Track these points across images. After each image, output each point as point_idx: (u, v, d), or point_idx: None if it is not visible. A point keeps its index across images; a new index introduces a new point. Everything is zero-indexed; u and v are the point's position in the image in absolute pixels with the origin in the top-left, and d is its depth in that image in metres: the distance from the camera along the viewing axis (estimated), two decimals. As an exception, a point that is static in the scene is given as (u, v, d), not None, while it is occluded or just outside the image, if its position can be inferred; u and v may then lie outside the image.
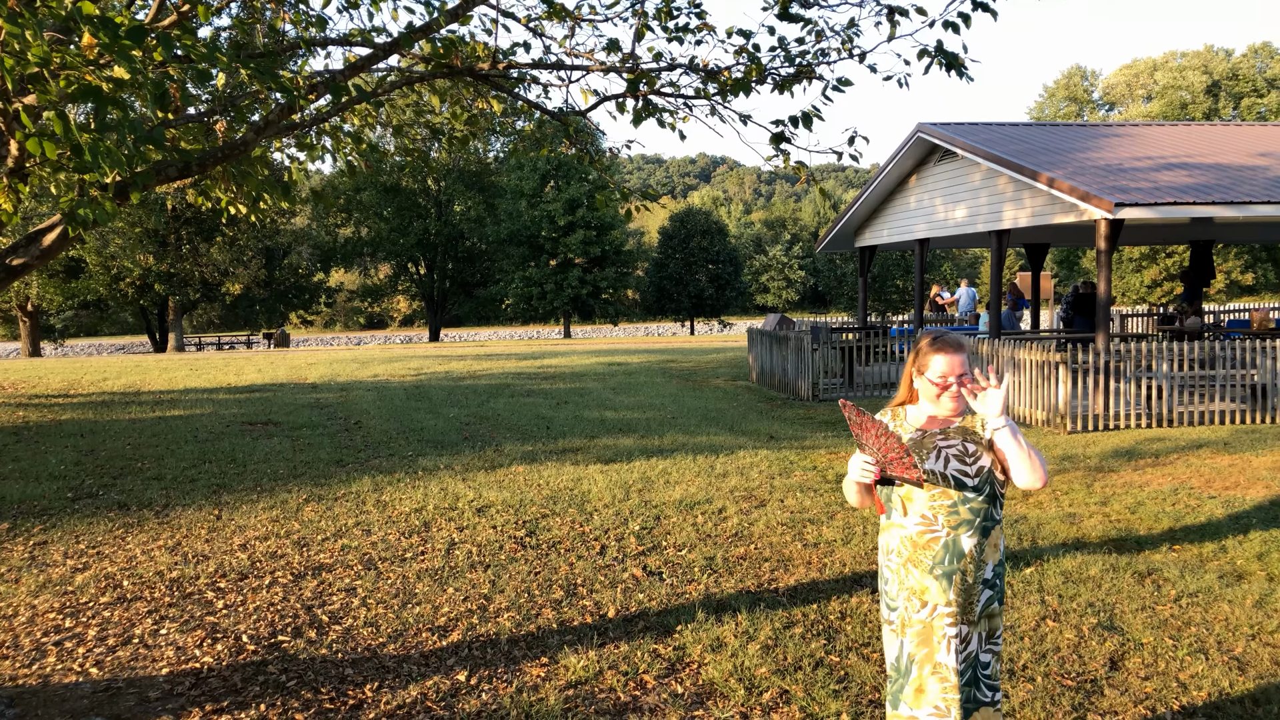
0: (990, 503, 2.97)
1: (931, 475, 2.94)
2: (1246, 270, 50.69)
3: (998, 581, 3.00)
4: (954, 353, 2.99)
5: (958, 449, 2.97)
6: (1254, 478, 8.29)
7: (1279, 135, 17.47)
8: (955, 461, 2.95)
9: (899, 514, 3.00)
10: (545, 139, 6.30)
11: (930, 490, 2.93)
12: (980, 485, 2.94)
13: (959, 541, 2.93)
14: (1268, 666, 4.37)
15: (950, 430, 3.03)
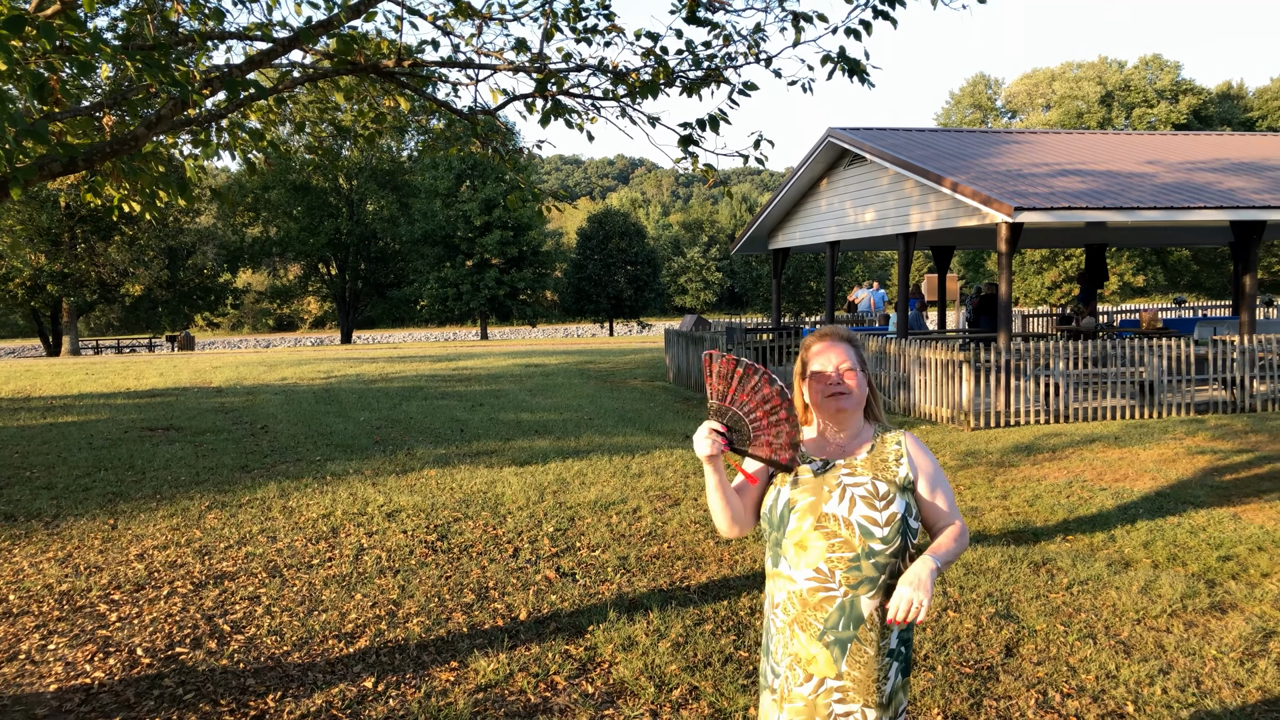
0: (899, 557, 2.42)
1: (833, 520, 2.41)
2: (1138, 273, 53.09)
3: (904, 649, 2.48)
4: (836, 342, 2.55)
5: (866, 489, 2.44)
6: (1142, 470, 8.69)
7: (1167, 144, 18.38)
8: (862, 505, 2.42)
9: (788, 563, 2.45)
10: (455, 138, 6.23)
11: (831, 540, 2.40)
12: (890, 536, 2.40)
13: (858, 604, 2.39)
14: (1151, 649, 4.59)
15: (858, 463, 2.50)
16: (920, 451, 2.57)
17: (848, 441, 2.56)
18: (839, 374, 2.52)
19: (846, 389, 2.51)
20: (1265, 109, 56.09)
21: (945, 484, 2.57)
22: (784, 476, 2.50)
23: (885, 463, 2.51)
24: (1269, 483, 8.08)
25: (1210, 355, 12.28)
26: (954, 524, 2.53)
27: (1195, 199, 12.70)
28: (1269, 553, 6.17)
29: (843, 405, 2.51)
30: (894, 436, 2.57)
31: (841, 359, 2.53)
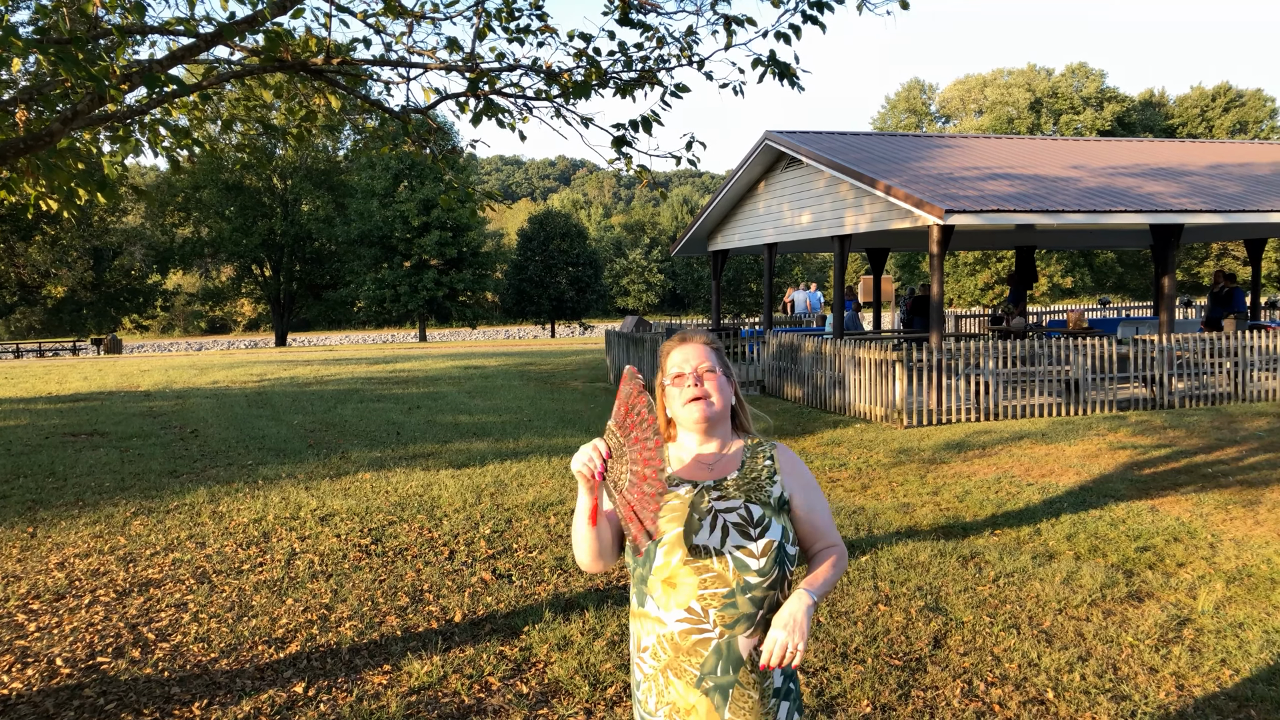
0: (778, 588, 2.18)
1: (704, 554, 2.13)
2: (1066, 274, 54.64)
3: (793, 685, 2.24)
4: (694, 343, 2.32)
5: (739, 514, 2.18)
6: (1066, 465, 8.95)
7: (1091, 149, 18.95)
8: (736, 534, 2.16)
9: (656, 603, 2.17)
10: (388, 137, 6.17)
11: (703, 575, 2.12)
12: (767, 567, 2.14)
13: (735, 645, 2.14)
14: (1071, 637, 4.74)
15: (729, 484, 2.23)
16: (795, 465, 2.33)
17: (716, 459, 2.30)
18: (697, 376, 2.27)
19: (705, 393, 2.26)
20: (1185, 116, 58.17)
21: (822, 500, 2.34)
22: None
23: (757, 482, 2.26)
24: (1185, 476, 8.39)
25: (1132, 354, 12.70)
26: (832, 546, 2.32)
27: (1117, 203, 13.13)
28: (1184, 543, 6.40)
29: (703, 412, 2.24)
30: (765, 450, 2.33)
31: (700, 360, 2.29)
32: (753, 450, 2.32)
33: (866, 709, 3.99)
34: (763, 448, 2.34)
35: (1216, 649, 4.57)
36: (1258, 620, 4.96)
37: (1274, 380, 13.01)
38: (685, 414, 2.26)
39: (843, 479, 8.68)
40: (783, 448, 2.36)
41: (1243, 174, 16.35)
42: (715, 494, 2.23)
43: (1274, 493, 7.72)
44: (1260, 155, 19.17)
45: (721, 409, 2.28)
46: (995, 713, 3.95)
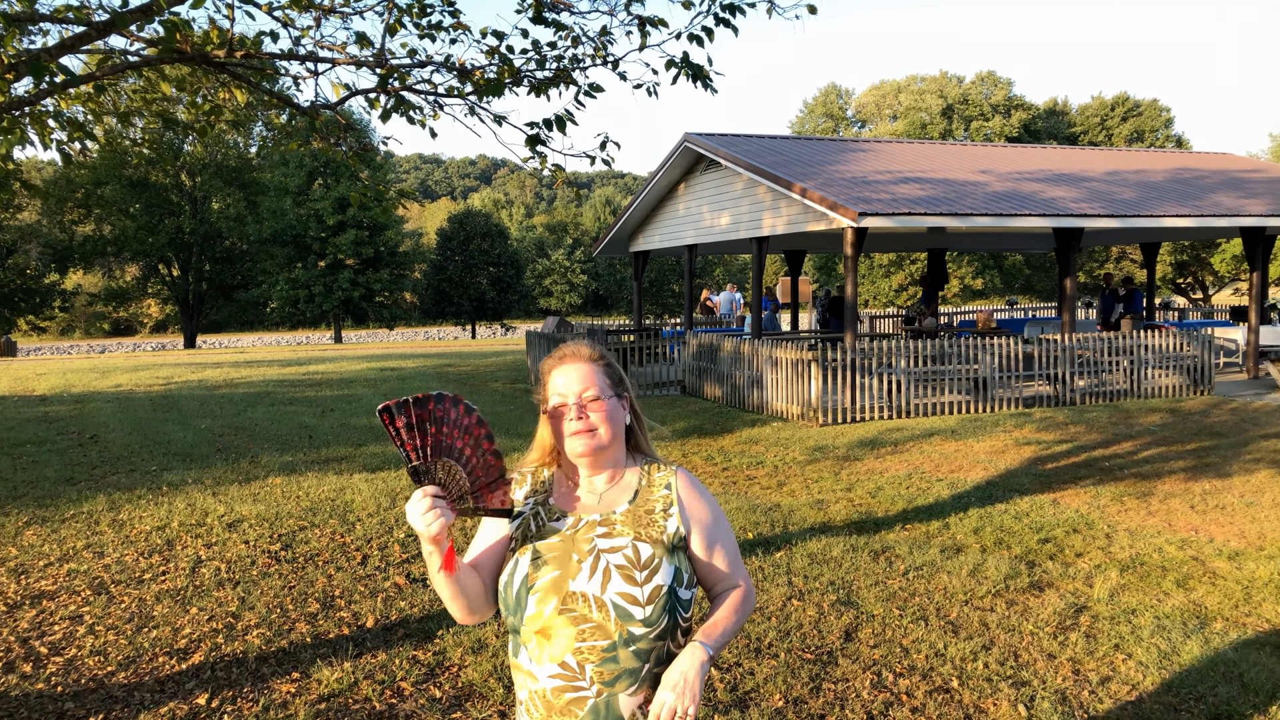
0: (668, 638, 1.93)
1: (582, 601, 1.89)
2: (977, 276, 56.30)
3: None
4: (577, 363, 2.03)
5: (625, 555, 1.93)
6: (975, 461, 9.23)
7: (998, 155, 19.58)
8: (619, 578, 1.90)
9: (529, 655, 1.93)
10: (297, 133, 6.03)
11: (581, 626, 1.88)
12: (654, 616, 1.89)
13: (615, 704, 1.90)
14: (976, 627, 4.88)
15: (617, 519, 1.99)
16: (695, 495, 2.06)
17: (605, 489, 2.04)
18: (581, 406, 1.98)
19: (590, 426, 1.97)
20: (1086, 124, 60.52)
21: (727, 535, 2.08)
22: (524, 545, 1.99)
23: (650, 515, 2.00)
24: (1084, 470, 8.73)
25: (1037, 353, 13.16)
26: (735, 589, 2.06)
27: (1022, 207, 13.59)
28: (1082, 534, 6.66)
29: (588, 446, 1.97)
30: (663, 477, 2.06)
31: (585, 385, 1.99)
32: (649, 477, 2.07)
33: (779, 703, 4.04)
34: (661, 474, 2.07)
35: (1110, 634, 4.77)
36: (1149, 606, 5.19)
37: (1167, 377, 13.63)
38: (569, 447, 1.99)
39: (759, 477, 8.79)
40: (684, 474, 2.09)
41: (1138, 180, 17.10)
42: (600, 530, 1.98)
43: (1165, 485, 8.09)
44: (1155, 163, 20.08)
45: (611, 440, 2.00)
46: (903, 702, 4.05)
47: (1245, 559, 6.05)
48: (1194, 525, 6.90)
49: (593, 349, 2.08)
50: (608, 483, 2.06)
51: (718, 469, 9.14)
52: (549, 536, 1.98)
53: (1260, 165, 21.50)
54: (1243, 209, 14.95)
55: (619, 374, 2.09)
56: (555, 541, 1.97)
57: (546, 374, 2.07)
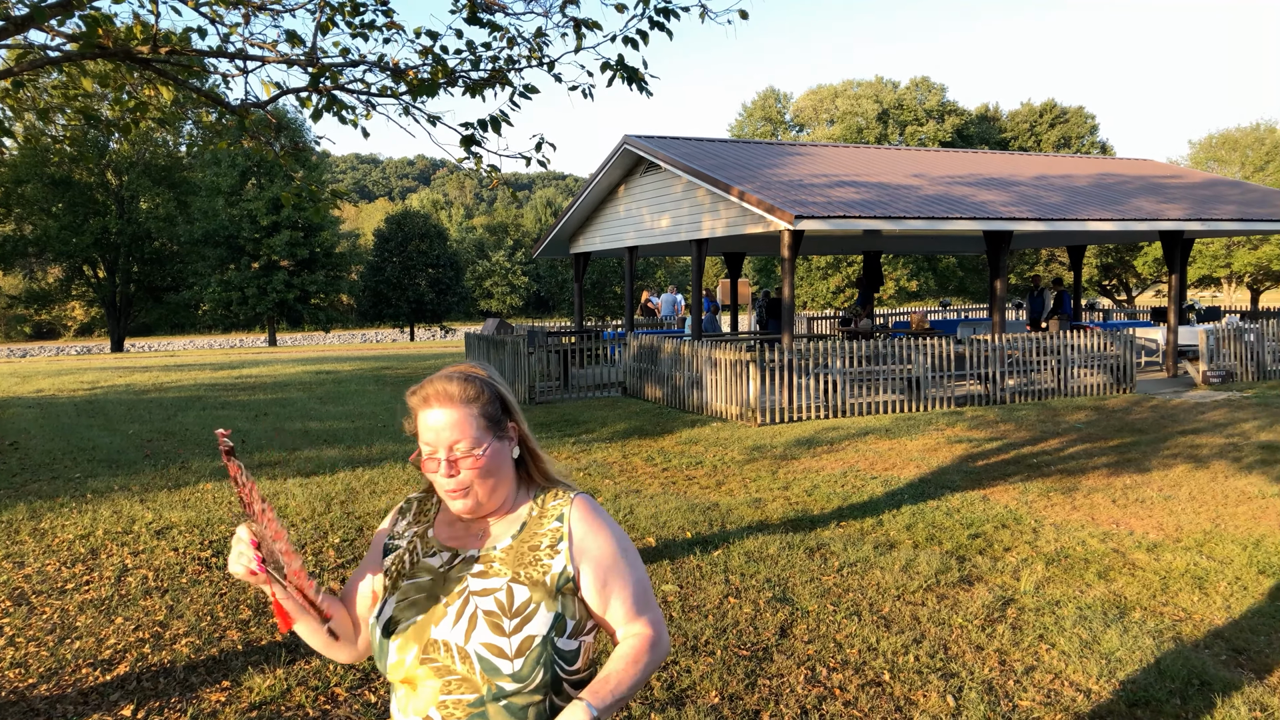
0: (551, 692, 1.70)
1: (444, 651, 1.68)
2: (912, 278, 57.38)
3: None
4: (446, 404, 1.72)
5: (498, 598, 1.70)
6: (908, 459, 9.42)
7: (931, 159, 20.00)
8: (485, 626, 1.67)
9: (398, 705, 1.75)
10: (227, 132, 5.91)
11: (446, 678, 1.66)
12: (526, 670, 1.66)
13: None
14: (908, 621, 4.99)
15: (496, 555, 1.75)
16: (591, 528, 1.78)
17: (495, 519, 1.81)
18: (452, 461, 1.71)
19: (465, 485, 1.72)
20: (1016, 130, 62.09)
21: (629, 573, 1.78)
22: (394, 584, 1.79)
23: (535, 552, 1.75)
24: (1013, 467, 8.97)
25: (968, 353, 13.48)
26: (636, 636, 1.77)
27: (953, 210, 13.90)
28: (1010, 529, 6.84)
29: (464, 508, 1.75)
30: (557, 506, 1.81)
31: (456, 435, 1.71)
32: (542, 507, 1.81)
33: (715, 699, 4.09)
34: (556, 503, 1.81)
35: (1035, 625, 4.91)
36: (1072, 597, 5.35)
37: (1092, 376, 14.06)
38: (446, 499, 1.76)
39: (699, 476, 8.86)
40: (584, 503, 1.82)
41: (1064, 185, 17.62)
42: (476, 568, 1.74)
43: (1089, 480, 8.35)
44: (1080, 168, 20.70)
45: (489, 495, 1.75)
46: (836, 696, 4.12)
47: (1163, 550, 6.27)
48: (1115, 519, 7.14)
49: (464, 387, 1.73)
50: (494, 516, 1.82)
51: (658, 469, 9.18)
52: (420, 575, 1.76)
53: (1179, 171, 22.30)
54: (1162, 213, 15.50)
55: (500, 406, 1.78)
56: (424, 581, 1.75)
57: (413, 410, 1.77)
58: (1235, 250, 43.75)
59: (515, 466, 1.83)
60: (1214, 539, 6.50)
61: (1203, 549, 6.28)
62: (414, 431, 1.77)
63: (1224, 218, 15.82)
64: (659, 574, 5.74)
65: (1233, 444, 9.78)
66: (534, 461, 1.86)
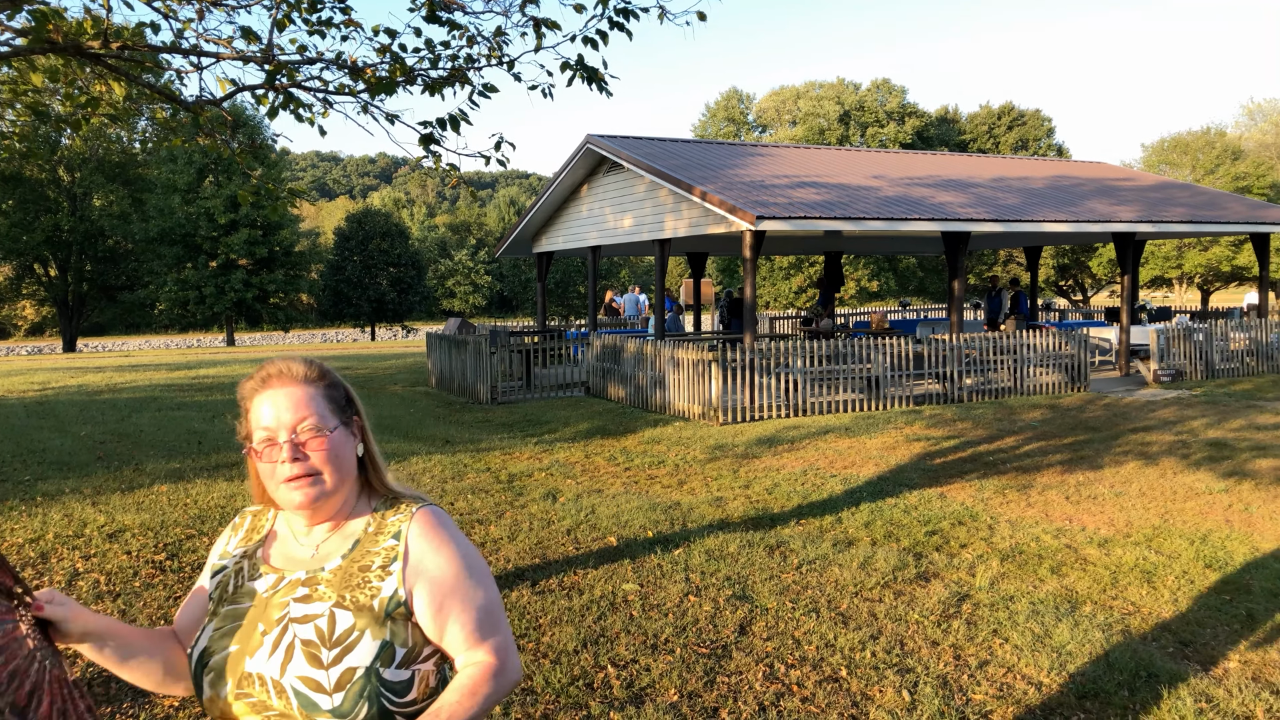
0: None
1: (259, 685, 1.53)
2: (873, 278, 57.95)
3: None
4: (289, 384, 1.61)
5: (317, 626, 1.54)
6: (867, 457, 9.52)
7: (891, 161, 20.22)
8: (302, 657, 1.52)
9: None
10: (181, 129, 5.83)
11: (264, 714, 1.53)
12: (348, 706, 1.50)
13: None
14: (865, 618, 5.05)
15: (325, 576, 1.60)
16: (432, 545, 1.61)
17: (324, 539, 1.65)
18: (296, 443, 1.57)
19: (310, 470, 1.57)
20: (975, 132, 62.93)
21: (473, 595, 1.60)
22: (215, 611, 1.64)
23: (365, 573, 1.58)
24: (970, 464, 9.10)
25: (927, 353, 13.65)
26: (476, 665, 1.59)
27: (912, 211, 14.07)
28: (967, 526, 6.95)
29: (307, 497, 1.58)
30: (396, 522, 1.64)
31: (301, 414, 1.58)
32: (380, 521, 1.65)
33: (674, 697, 4.11)
34: (396, 518, 1.65)
35: (990, 620, 4.99)
36: (1025, 593, 5.45)
37: (1047, 375, 14.31)
38: (282, 498, 1.59)
39: (661, 476, 8.89)
40: (428, 516, 1.66)
41: (1021, 187, 17.90)
42: (301, 591, 1.58)
43: (1044, 477, 8.50)
44: (1036, 170, 21.04)
45: (336, 485, 1.60)
46: (794, 693, 4.16)
47: (1113, 546, 6.40)
48: (1068, 515, 7.27)
49: (309, 367, 1.64)
50: (329, 530, 1.65)
51: (620, 469, 9.19)
52: (241, 600, 1.61)
53: (1132, 174, 22.76)
54: (1115, 215, 15.80)
55: (346, 393, 1.69)
56: (246, 607, 1.60)
57: (248, 399, 1.63)
58: (1186, 252, 44.74)
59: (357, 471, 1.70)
60: (1162, 534, 6.65)
61: (1152, 544, 6.42)
62: (247, 433, 1.63)
63: (1174, 220, 16.18)
64: (619, 573, 5.76)
65: (1182, 441, 10.00)
66: (372, 467, 1.71)
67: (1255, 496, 7.67)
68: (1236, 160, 47.22)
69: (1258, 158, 46.93)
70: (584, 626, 4.90)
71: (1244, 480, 8.19)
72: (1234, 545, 6.35)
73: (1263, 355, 16.42)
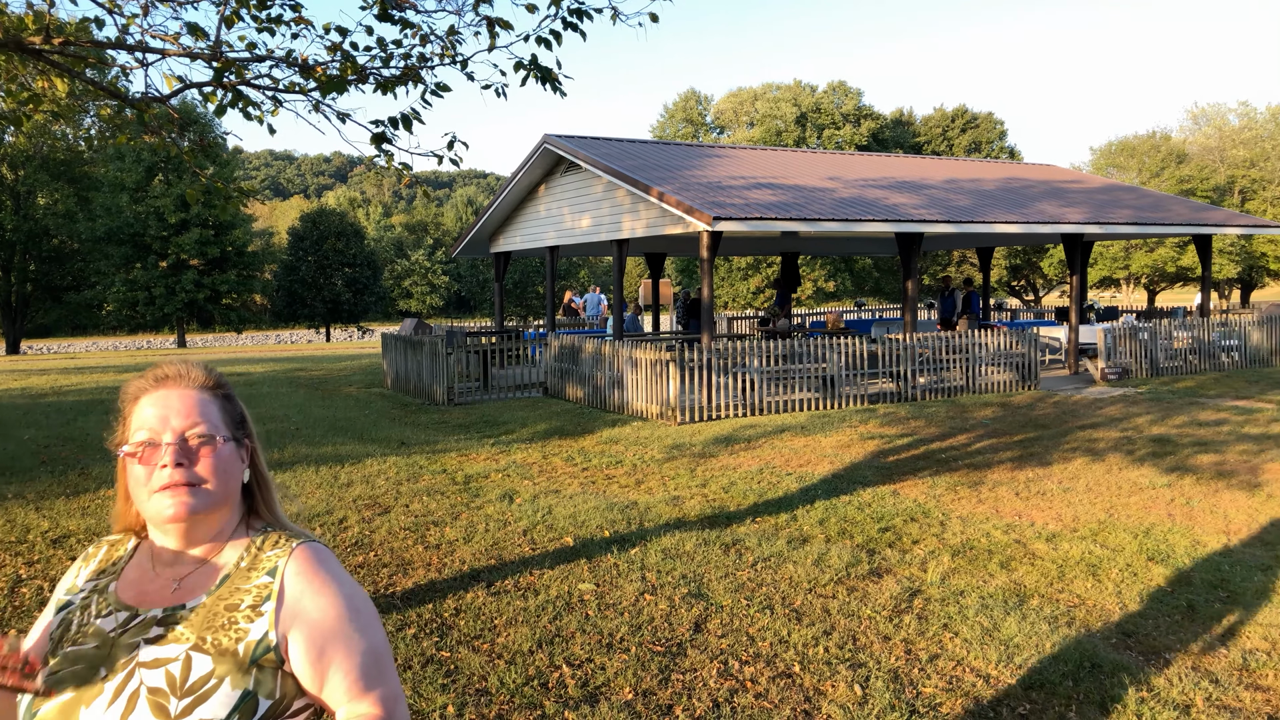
0: None
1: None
2: (829, 279, 58.50)
3: None
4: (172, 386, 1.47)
5: (169, 672, 1.37)
6: (822, 455, 9.62)
7: (846, 162, 20.43)
8: (147, 708, 1.34)
9: None
10: (128, 126, 5.73)
11: None
12: None
13: None
14: (819, 614, 5.11)
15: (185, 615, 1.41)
16: (312, 586, 1.44)
17: (190, 570, 1.46)
18: (182, 448, 1.41)
19: (195, 479, 1.41)
20: (929, 135, 63.79)
21: (358, 640, 1.44)
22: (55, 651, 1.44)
23: (232, 613, 1.40)
24: (923, 462, 9.23)
25: (881, 352, 13.81)
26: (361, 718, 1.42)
27: (866, 212, 14.24)
28: (919, 522, 7.05)
29: (181, 510, 1.40)
30: (273, 558, 1.46)
31: (191, 418, 1.43)
32: (256, 555, 1.47)
33: (629, 695, 4.13)
34: (274, 552, 1.47)
35: (940, 615, 5.08)
36: (976, 588, 5.55)
37: (999, 374, 14.56)
38: (153, 509, 1.40)
39: (618, 476, 8.90)
40: (306, 554, 1.48)
41: (974, 189, 18.19)
42: (155, 631, 1.39)
43: (995, 474, 8.66)
44: (988, 172, 21.40)
45: (217, 501, 1.44)
46: (748, 689, 4.20)
47: (1060, 540, 6.54)
48: (1018, 511, 7.41)
49: (208, 374, 1.51)
50: (197, 561, 1.46)
51: (577, 469, 9.19)
52: (84, 641, 1.40)
53: (1080, 176, 23.23)
54: (1064, 216, 16.13)
55: (241, 411, 1.55)
56: (88, 649, 1.39)
57: (130, 401, 1.49)
58: (1133, 253, 45.76)
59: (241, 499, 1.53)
60: (1108, 528, 6.80)
61: (1097, 538, 6.57)
62: (123, 438, 1.48)
63: (1121, 221, 16.55)
64: (576, 573, 5.76)
65: (1127, 437, 10.24)
66: (262, 491, 1.55)
67: (1196, 491, 7.88)
68: (1181, 163, 48.42)
69: (1201, 161, 48.15)
70: (539, 626, 4.90)
71: (1186, 475, 8.41)
72: (1176, 539, 6.52)
73: (1205, 353, 16.85)
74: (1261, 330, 17.56)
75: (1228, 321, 17.41)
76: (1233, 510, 7.26)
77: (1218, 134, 49.20)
